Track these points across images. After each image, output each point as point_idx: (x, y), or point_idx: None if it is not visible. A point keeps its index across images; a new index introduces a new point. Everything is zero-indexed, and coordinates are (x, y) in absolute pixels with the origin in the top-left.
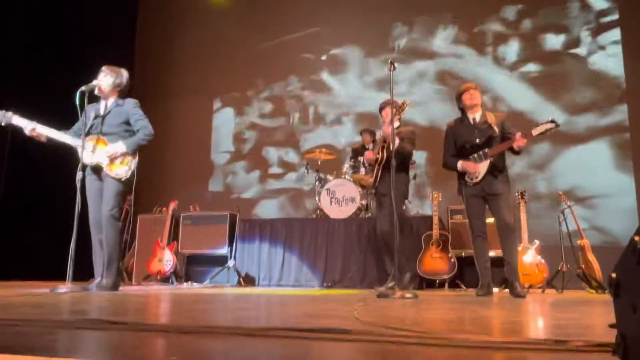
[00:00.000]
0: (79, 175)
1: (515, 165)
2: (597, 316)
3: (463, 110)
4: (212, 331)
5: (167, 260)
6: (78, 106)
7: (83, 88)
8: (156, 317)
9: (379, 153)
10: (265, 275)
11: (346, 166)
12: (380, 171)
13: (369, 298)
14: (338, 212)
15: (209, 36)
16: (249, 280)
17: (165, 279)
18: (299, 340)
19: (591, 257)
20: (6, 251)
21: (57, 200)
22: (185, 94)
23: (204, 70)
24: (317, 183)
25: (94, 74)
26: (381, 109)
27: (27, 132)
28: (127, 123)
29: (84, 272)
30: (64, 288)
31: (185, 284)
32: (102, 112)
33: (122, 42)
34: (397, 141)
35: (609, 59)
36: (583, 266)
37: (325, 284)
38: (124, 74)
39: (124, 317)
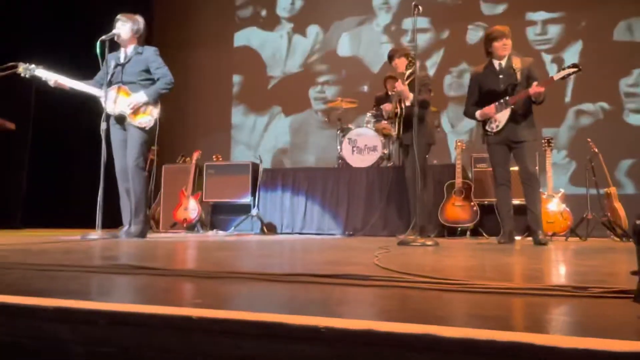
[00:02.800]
0: (103, 125)
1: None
2: (620, 264)
3: (490, 54)
4: (236, 276)
5: (192, 208)
6: (99, 55)
7: (103, 37)
8: (182, 263)
9: (396, 107)
10: (287, 223)
11: (368, 115)
12: (401, 124)
13: (390, 246)
14: (360, 161)
15: None
16: (271, 228)
17: (191, 227)
18: (320, 285)
19: (617, 204)
20: (38, 200)
21: (84, 150)
22: (206, 41)
23: (225, 16)
24: (338, 132)
25: (113, 20)
26: (390, 57)
27: (51, 83)
28: (147, 71)
29: (112, 220)
30: (94, 235)
31: (210, 231)
32: (122, 60)
33: None
34: (411, 96)
35: None
36: (609, 214)
37: (347, 232)
38: (140, 19)
39: (152, 263)
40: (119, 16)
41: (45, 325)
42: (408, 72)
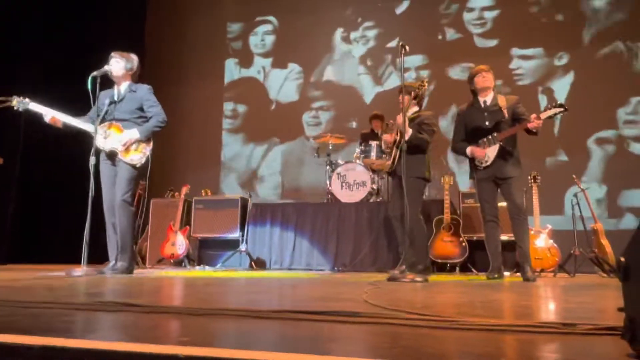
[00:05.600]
0: (92, 160)
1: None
2: (609, 300)
3: (474, 92)
4: (224, 314)
5: (179, 244)
6: (90, 91)
7: (95, 73)
8: (169, 299)
9: (397, 134)
10: (276, 259)
11: (357, 150)
12: (398, 153)
13: (379, 282)
14: (349, 196)
15: (221, 19)
16: (260, 264)
17: (178, 263)
18: (309, 322)
19: (604, 241)
20: (22, 235)
21: (71, 185)
22: (196, 77)
23: (216, 52)
24: (327, 167)
25: (105, 57)
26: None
27: (46, 119)
28: (141, 109)
29: (98, 256)
30: (79, 271)
31: (197, 267)
32: (116, 98)
33: (133, 24)
34: (410, 131)
35: None
36: (596, 250)
37: (336, 268)
38: (134, 58)
39: (138, 300)
40: (113, 54)
41: None
42: (411, 111)
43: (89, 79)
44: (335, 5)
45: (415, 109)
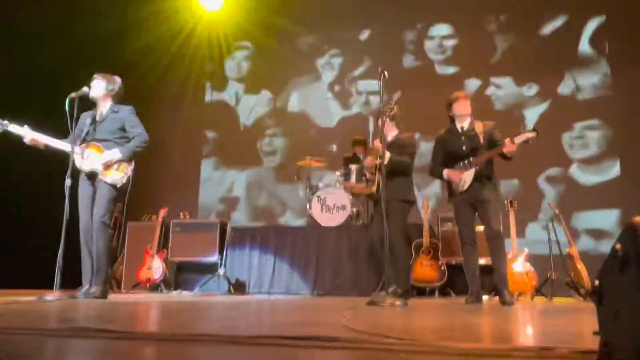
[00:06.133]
0: (67, 182)
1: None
2: (585, 324)
3: (452, 118)
4: (200, 339)
5: (156, 268)
6: (67, 113)
7: (73, 94)
8: (145, 325)
9: (377, 158)
10: (255, 283)
11: (337, 174)
12: (381, 178)
13: (358, 306)
14: (329, 219)
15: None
16: (239, 288)
17: (154, 287)
18: (287, 348)
19: (580, 265)
20: None
21: (45, 207)
22: (176, 99)
23: (195, 75)
24: (307, 190)
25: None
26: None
27: (26, 141)
28: (123, 129)
29: (71, 280)
30: (52, 296)
31: (174, 291)
32: (97, 118)
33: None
34: (388, 154)
35: None
36: (572, 274)
37: (315, 292)
38: (117, 80)
39: (113, 325)
40: (95, 75)
41: None
42: (390, 134)
43: (67, 100)
44: (303, 32)
45: (395, 132)
